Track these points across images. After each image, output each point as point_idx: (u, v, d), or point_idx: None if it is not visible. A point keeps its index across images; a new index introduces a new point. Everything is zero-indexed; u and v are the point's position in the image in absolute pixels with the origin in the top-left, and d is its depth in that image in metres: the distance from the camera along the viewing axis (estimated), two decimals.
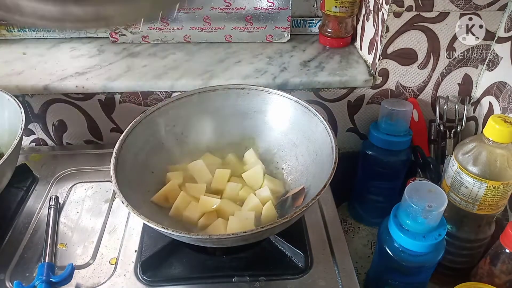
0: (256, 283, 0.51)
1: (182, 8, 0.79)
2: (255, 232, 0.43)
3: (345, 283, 0.51)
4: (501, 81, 0.65)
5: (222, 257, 0.54)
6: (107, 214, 0.62)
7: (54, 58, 0.77)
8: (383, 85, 0.72)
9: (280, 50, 0.80)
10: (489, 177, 0.51)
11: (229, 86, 0.65)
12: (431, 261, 0.51)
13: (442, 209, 0.48)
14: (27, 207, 0.63)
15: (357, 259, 0.70)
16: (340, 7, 0.75)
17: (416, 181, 0.56)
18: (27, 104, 0.74)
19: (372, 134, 0.69)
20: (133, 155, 0.56)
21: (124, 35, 0.82)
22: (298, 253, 0.53)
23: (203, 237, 0.45)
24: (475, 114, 0.73)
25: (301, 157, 0.61)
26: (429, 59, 0.69)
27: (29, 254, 0.56)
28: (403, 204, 0.50)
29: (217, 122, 0.65)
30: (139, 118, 0.59)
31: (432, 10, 0.63)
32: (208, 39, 0.83)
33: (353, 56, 0.78)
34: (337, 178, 0.48)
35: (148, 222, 0.44)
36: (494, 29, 0.65)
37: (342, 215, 0.80)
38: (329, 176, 0.48)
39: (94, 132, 0.78)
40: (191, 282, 0.52)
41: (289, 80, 0.70)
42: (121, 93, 0.72)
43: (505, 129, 0.48)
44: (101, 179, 0.68)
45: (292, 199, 0.56)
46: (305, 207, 0.45)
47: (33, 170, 0.68)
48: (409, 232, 0.50)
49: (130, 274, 0.53)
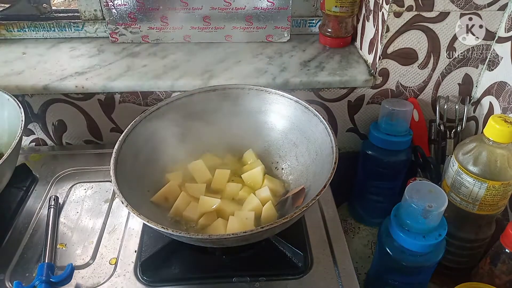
0: (256, 283, 0.51)
1: (182, 8, 0.79)
2: (255, 232, 0.43)
3: (345, 283, 0.51)
4: (501, 81, 0.65)
5: (222, 257, 0.54)
6: (107, 214, 0.62)
7: (53, 58, 0.77)
8: (383, 85, 0.72)
9: (280, 50, 0.80)
10: (489, 177, 0.50)
11: (229, 86, 0.65)
12: (431, 261, 0.51)
13: (443, 209, 0.48)
14: (27, 207, 0.63)
15: (357, 259, 0.70)
16: (340, 7, 0.75)
17: (417, 181, 0.56)
18: (27, 104, 0.74)
19: (372, 134, 0.69)
20: (133, 155, 0.56)
21: (124, 35, 0.81)
22: (298, 253, 0.53)
23: (203, 237, 0.45)
24: (475, 114, 0.73)
25: (301, 157, 0.61)
26: (429, 59, 0.69)
27: (29, 254, 0.55)
28: (404, 204, 0.50)
29: (217, 122, 0.65)
30: (139, 118, 0.58)
31: (432, 10, 0.63)
32: (208, 39, 0.82)
33: (353, 56, 0.78)
34: (337, 178, 0.48)
35: (148, 222, 0.44)
36: (494, 29, 0.65)
37: (342, 215, 0.80)
38: (329, 176, 0.48)
39: (94, 132, 0.78)
40: (191, 282, 0.52)
41: (289, 80, 0.70)
42: (121, 93, 0.72)
43: (506, 129, 0.48)
44: (101, 179, 0.68)
45: (292, 199, 0.56)
46: (305, 207, 0.45)
47: (33, 170, 0.68)
48: (409, 232, 0.50)
49: (130, 274, 0.53)
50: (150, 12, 0.79)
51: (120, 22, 0.80)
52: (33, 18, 0.83)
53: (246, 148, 0.65)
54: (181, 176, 0.60)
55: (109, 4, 0.78)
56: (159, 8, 0.79)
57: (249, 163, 0.63)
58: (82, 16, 0.83)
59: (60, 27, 0.83)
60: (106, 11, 0.79)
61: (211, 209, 0.55)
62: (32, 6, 0.82)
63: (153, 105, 0.61)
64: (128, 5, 0.78)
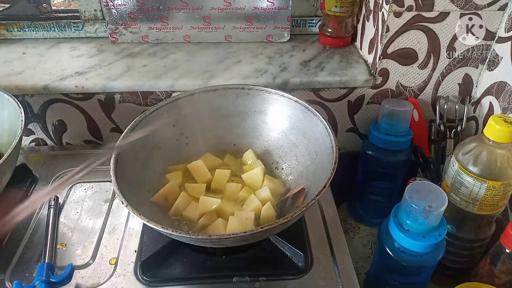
0: (256, 283, 0.51)
1: (182, 8, 0.79)
2: (255, 232, 0.43)
3: (345, 283, 0.51)
4: (501, 81, 0.65)
5: (222, 257, 0.54)
6: (107, 214, 0.62)
7: (53, 58, 0.77)
8: (383, 85, 0.72)
9: (280, 50, 0.80)
10: (489, 177, 0.50)
11: (229, 86, 0.65)
12: (431, 261, 0.51)
13: (443, 209, 0.48)
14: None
15: (357, 259, 0.70)
16: (340, 7, 0.75)
17: (417, 181, 0.56)
18: (27, 104, 0.74)
19: (372, 134, 0.69)
20: (133, 155, 0.56)
21: (124, 35, 0.81)
22: (298, 253, 0.53)
23: (202, 237, 0.45)
24: (475, 114, 0.73)
25: (301, 157, 0.61)
26: (429, 59, 0.69)
27: (29, 254, 0.55)
28: (404, 204, 0.50)
29: (217, 122, 0.65)
30: (139, 118, 0.58)
31: (432, 10, 0.63)
32: (208, 39, 0.82)
33: (353, 56, 0.78)
34: (337, 178, 0.48)
35: (147, 222, 0.44)
36: (494, 29, 0.65)
37: (342, 215, 0.80)
38: (329, 176, 0.48)
39: (93, 132, 0.78)
40: (191, 282, 0.52)
41: (289, 80, 0.70)
42: (121, 93, 0.72)
43: (506, 129, 0.48)
44: (101, 179, 0.67)
45: (292, 199, 0.56)
46: (305, 207, 0.45)
47: (33, 170, 0.68)
48: (409, 232, 0.50)
49: (130, 274, 0.53)
50: (150, 12, 0.79)
51: (120, 22, 0.80)
52: (33, 18, 0.83)
53: (246, 148, 0.65)
54: (180, 176, 0.60)
55: (109, 4, 0.78)
56: (159, 8, 0.79)
57: (248, 163, 0.63)
58: (82, 16, 0.83)
59: (60, 27, 0.83)
60: (106, 11, 0.79)
61: (211, 209, 0.55)
62: (32, 6, 0.82)
63: (153, 105, 0.61)
64: (128, 5, 0.78)
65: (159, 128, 0.61)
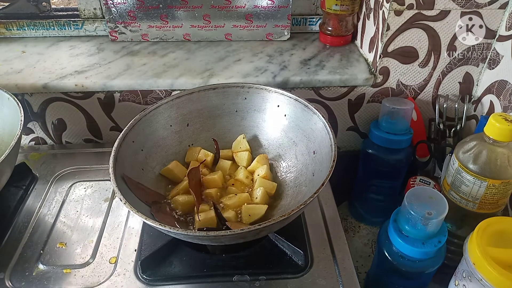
0: (256, 282, 0.51)
1: (182, 6, 0.79)
2: (252, 230, 0.43)
3: (346, 282, 0.51)
4: (502, 80, 0.65)
5: (222, 255, 0.54)
6: (106, 213, 0.62)
7: (53, 57, 0.77)
8: (384, 83, 0.72)
9: (280, 48, 0.80)
10: (489, 175, 0.50)
11: (229, 85, 0.64)
12: (431, 267, 0.51)
13: (442, 216, 0.48)
14: (27, 206, 0.63)
15: (357, 258, 0.70)
16: (341, 5, 0.75)
17: (417, 187, 0.56)
18: (26, 103, 0.73)
19: (373, 133, 0.69)
20: (132, 153, 0.56)
21: (124, 33, 0.81)
22: (298, 252, 0.53)
23: (200, 234, 0.45)
24: (475, 112, 0.73)
25: (300, 155, 0.61)
26: (429, 58, 0.69)
27: (29, 253, 0.55)
28: (403, 210, 0.50)
29: (217, 120, 0.65)
30: (138, 116, 0.58)
31: (433, 8, 0.63)
32: (208, 37, 0.82)
33: (354, 55, 0.77)
34: (338, 177, 0.48)
35: (147, 220, 0.44)
36: (495, 28, 0.65)
37: (343, 214, 0.80)
38: (328, 174, 0.47)
39: (93, 130, 0.78)
40: (191, 281, 0.52)
41: (289, 79, 0.70)
42: (120, 91, 0.72)
43: (506, 128, 0.48)
44: (101, 178, 0.67)
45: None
46: (303, 205, 0.45)
47: (32, 169, 0.68)
48: (408, 238, 0.50)
49: (129, 273, 0.53)
50: (150, 10, 0.79)
51: (119, 21, 0.80)
52: (32, 16, 0.83)
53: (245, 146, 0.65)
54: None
55: (109, 3, 0.78)
56: (159, 7, 0.79)
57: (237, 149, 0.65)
58: (82, 15, 0.83)
59: (59, 25, 0.83)
60: (105, 9, 0.79)
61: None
62: (31, 4, 0.82)
63: (153, 103, 0.61)
64: (128, 4, 0.78)
65: (158, 126, 0.61)
